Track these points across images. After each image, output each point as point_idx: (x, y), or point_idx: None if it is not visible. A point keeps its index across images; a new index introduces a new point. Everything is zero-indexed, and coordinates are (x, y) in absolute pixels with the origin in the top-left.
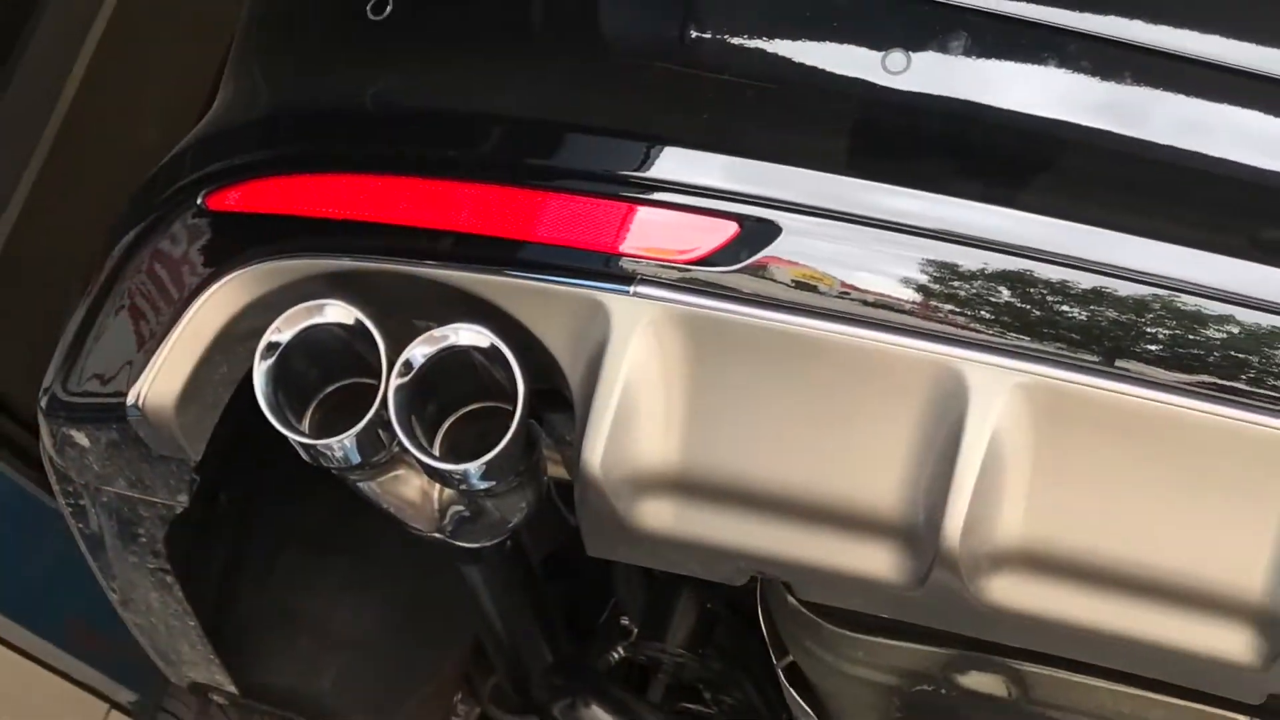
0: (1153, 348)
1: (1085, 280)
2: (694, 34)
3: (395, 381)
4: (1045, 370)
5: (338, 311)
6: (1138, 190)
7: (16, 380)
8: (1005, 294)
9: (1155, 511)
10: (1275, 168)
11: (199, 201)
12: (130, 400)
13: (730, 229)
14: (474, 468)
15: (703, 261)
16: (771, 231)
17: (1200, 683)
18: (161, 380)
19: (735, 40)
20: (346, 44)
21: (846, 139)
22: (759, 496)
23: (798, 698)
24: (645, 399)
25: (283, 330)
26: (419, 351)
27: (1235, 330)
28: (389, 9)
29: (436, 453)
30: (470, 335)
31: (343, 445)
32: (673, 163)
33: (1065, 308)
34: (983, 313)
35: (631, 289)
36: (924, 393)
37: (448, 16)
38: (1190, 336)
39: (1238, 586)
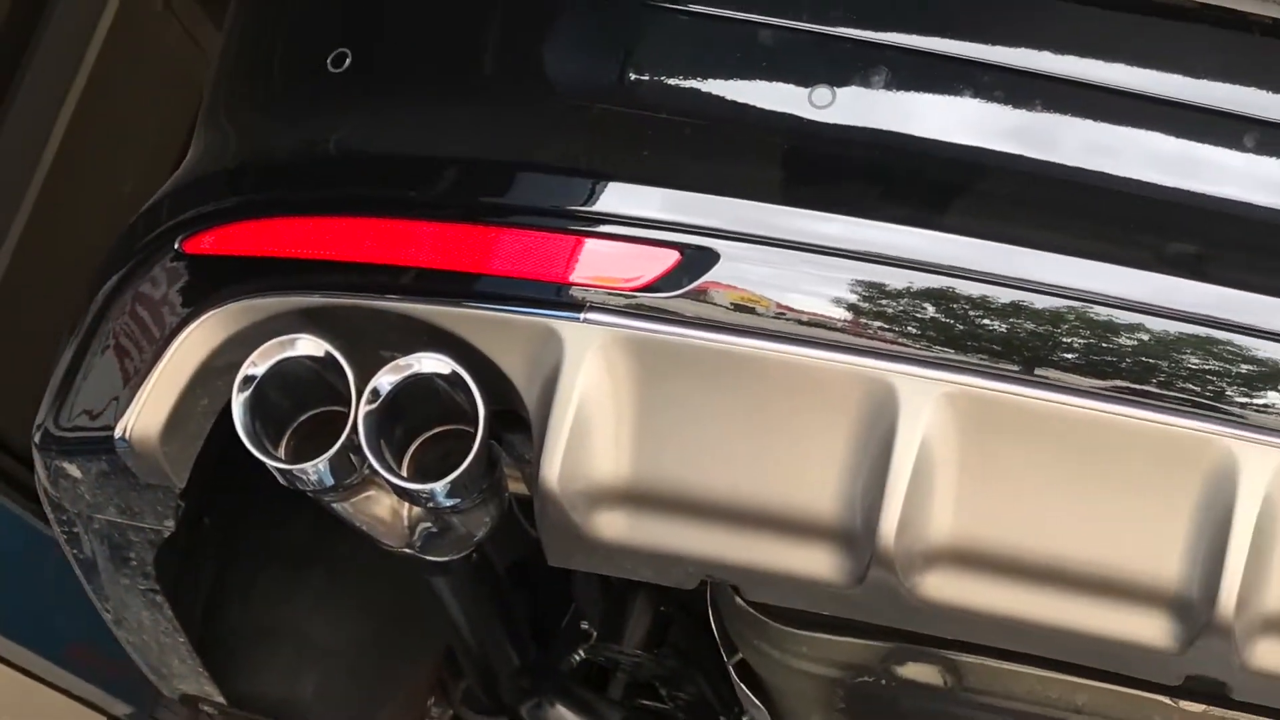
0: (1069, 356)
1: (1004, 295)
2: (632, 76)
3: (364, 408)
4: (970, 380)
5: (308, 345)
6: (1050, 209)
7: (12, 417)
8: (930, 310)
9: (1075, 508)
10: (1176, 184)
11: (176, 246)
12: (118, 433)
13: (672, 257)
14: (440, 487)
15: (647, 288)
16: (710, 258)
17: (1122, 667)
18: (146, 414)
19: (671, 81)
20: (309, 96)
21: (778, 170)
22: (706, 506)
23: (748, 692)
24: (598, 418)
25: (258, 364)
26: (385, 380)
27: (1145, 337)
28: (347, 62)
29: (405, 474)
30: (433, 363)
31: (317, 469)
32: (616, 197)
33: (986, 321)
34: (909, 328)
35: (582, 316)
36: (857, 404)
37: (401, 68)
38: (1103, 344)
39: (1153, 576)
